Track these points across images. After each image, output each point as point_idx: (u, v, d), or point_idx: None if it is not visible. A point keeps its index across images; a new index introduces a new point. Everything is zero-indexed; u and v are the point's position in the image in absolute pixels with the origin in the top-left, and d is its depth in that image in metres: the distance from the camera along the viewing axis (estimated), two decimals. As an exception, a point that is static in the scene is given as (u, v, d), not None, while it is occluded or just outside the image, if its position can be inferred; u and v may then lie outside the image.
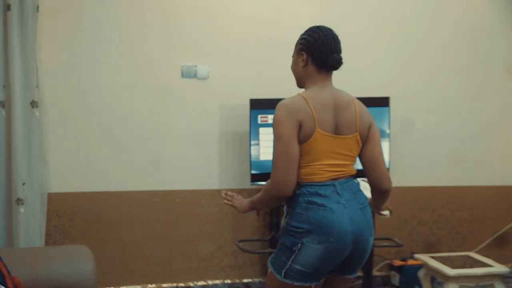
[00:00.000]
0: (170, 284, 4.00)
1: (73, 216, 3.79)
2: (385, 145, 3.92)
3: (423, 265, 3.85)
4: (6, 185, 3.52)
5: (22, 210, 3.47)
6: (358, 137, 2.29)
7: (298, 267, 2.18)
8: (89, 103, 3.76)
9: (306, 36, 2.32)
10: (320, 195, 2.19)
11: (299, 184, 2.22)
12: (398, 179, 4.17)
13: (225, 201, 2.56)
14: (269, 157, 2.45)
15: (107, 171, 3.82)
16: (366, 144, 2.32)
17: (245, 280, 4.16)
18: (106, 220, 3.86)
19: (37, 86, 3.47)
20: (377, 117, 3.83)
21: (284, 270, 2.21)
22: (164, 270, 3.99)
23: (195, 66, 3.89)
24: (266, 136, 3.77)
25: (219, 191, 4.02)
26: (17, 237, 3.48)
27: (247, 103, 3.75)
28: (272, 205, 2.40)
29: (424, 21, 4.26)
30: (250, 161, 3.77)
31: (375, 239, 2.90)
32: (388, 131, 3.96)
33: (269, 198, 2.29)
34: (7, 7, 3.38)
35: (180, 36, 3.87)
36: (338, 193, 2.21)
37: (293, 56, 2.41)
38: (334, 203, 2.19)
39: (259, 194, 2.35)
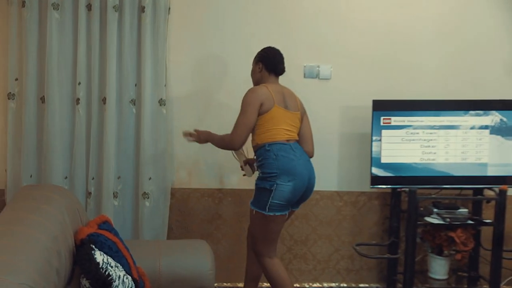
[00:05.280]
0: (285, 284, 4.01)
1: (194, 211, 3.91)
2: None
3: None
4: (135, 179, 3.70)
5: (147, 203, 3.63)
6: (299, 116, 3.29)
7: (276, 201, 3.07)
8: (212, 102, 3.84)
9: (262, 52, 3.33)
10: (282, 150, 3.12)
11: (268, 144, 3.13)
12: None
13: (189, 138, 3.42)
14: (392, 159, 3.68)
15: (228, 168, 3.88)
16: (302, 123, 3.32)
17: (361, 285, 4.08)
18: (224, 217, 3.94)
19: (165, 85, 3.60)
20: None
21: (267, 206, 3.07)
22: (280, 269, 3.99)
23: (318, 66, 3.86)
24: (389, 138, 3.66)
25: (338, 192, 3.98)
26: (142, 230, 3.65)
27: (369, 104, 3.66)
28: (221, 148, 3.32)
29: None
30: (371, 164, 3.68)
31: (504, 251, 3.68)
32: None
33: (223, 145, 3.27)
34: (142, 9, 3.53)
35: (304, 36, 3.85)
36: (293, 150, 3.16)
37: (252, 66, 3.39)
38: (292, 156, 3.13)
39: (217, 137, 3.30)
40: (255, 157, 3.28)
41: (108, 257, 2.39)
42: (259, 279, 3.53)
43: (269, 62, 3.30)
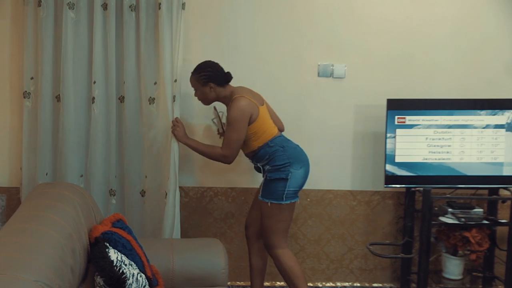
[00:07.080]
0: (299, 283, 4.00)
1: (207, 210, 3.92)
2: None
3: None
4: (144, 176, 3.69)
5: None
6: (267, 106, 3.39)
7: (292, 189, 3.21)
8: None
9: (203, 72, 3.28)
10: (283, 141, 3.29)
11: (269, 141, 3.25)
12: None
13: (172, 127, 3.44)
14: (406, 159, 3.68)
15: (241, 167, 3.88)
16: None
17: (375, 285, 4.07)
18: (237, 216, 3.95)
19: (175, 80, 3.54)
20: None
21: (284, 195, 3.18)
22: (294, 268, 3.99)
23: (332, 65, 3.84)
24: (404, 137, 3.64)
25: (351, 192, 3.96)
26: (162, 228, 3.56)
27: (384, 103, 3.64)
28: (208, 158, 3.39)
29: None
30: (385, 163, 3.66)
31: None
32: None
33: (211, 158, 3.35)
34: (158, 6, 3.50)
35: (318, 34, 3.83)
36: (287, 139, 3.34)
37: (197, 91, 3.35)
38: (291, 144, 3.32)
39: (202, 147, 3.38)
40: (253, 160, 3.39)
41: (122, 255, 2.40)
42: (264, 273, 3.59)
43: (219, 77, 3.29)
